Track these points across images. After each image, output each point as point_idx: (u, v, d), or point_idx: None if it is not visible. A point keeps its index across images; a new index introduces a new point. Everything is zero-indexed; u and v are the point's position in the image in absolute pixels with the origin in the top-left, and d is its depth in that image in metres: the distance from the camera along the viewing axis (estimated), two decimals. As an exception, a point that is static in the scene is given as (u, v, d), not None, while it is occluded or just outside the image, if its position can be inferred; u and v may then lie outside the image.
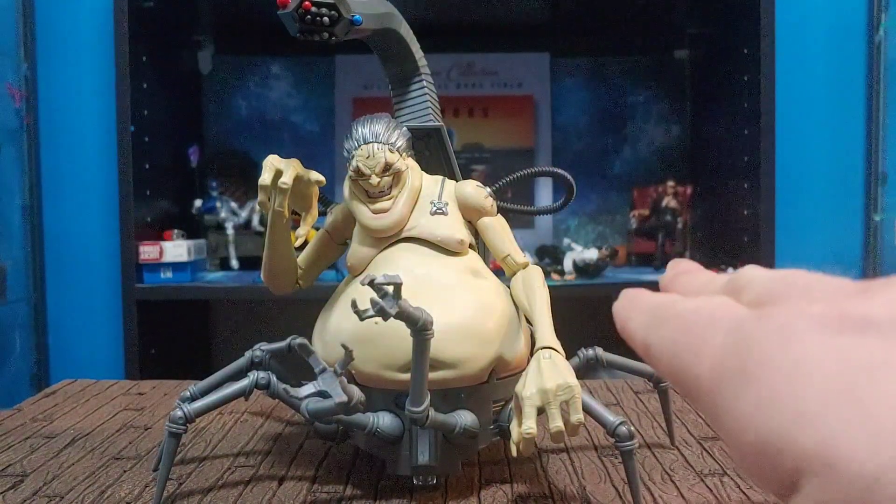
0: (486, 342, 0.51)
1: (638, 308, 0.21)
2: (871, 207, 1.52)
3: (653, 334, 0.20)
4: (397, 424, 0.51)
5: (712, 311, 0.18)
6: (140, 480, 0.56)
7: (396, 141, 0.54)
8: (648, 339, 0.20)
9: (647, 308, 0.21)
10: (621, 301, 0.22)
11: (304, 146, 1.61)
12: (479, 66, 1.59)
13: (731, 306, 0.18)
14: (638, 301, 0.21)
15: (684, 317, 0.19)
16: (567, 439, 0.64)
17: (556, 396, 0.46)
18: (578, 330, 0.69)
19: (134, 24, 1.30)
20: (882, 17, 1.49)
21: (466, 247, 0.55)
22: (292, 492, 0.54)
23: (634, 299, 0.22)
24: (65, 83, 1.52)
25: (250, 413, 0.73)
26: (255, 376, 0.52)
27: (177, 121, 1.51)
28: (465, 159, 1.58)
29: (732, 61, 1.38)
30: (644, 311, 0.21)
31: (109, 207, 1.45)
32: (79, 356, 1.54)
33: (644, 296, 0.21)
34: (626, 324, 0.21)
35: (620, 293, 0.23)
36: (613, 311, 0.22)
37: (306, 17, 0.50)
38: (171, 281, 1.33)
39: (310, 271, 0.60)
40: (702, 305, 0.19)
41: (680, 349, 0.18)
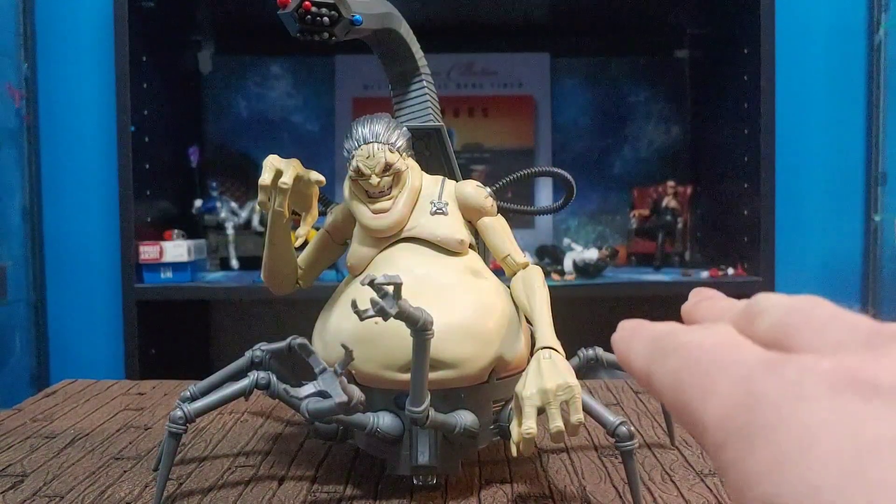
0: (486, 342, 0.51)
1: (639, 338, 0.21)
2: (871, 207, 1.52)
3: (655, 366, 0.19)
4: (397, 424, 0.51)
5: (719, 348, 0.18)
6: (140, 480, 0.56)
7: (396, 141, 0.54)
8: (651, 370, 0.19)
9: (649, 338, 0.20)
10: (621, 332, 0.22)
11: (304, 146, 1.61)
12: (479, 66, 1.59)
13: (739, 346, 0.18)
14: (639, 331, 0.21)
15: (689, 351, 0.18)
16: (567, 439, 0.64)
17: (557, 396, 0.46)
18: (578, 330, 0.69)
19: (134, 24, 1.30)
20: (882, 17, 1.49)
21: (466, 247, 0.55)
22: (292, 492, 0.54)
23: (635, 330, 0.21)
24: (65, 83, 1.52)
25: (250, 413, 0.73)
26: (255, 376, 0.52)
27: (177, 121, 1.51)
28: (465, 159, 1.58)
29: (732, 61, 1.38)
30: (646, 341, 0.20)
31: (109, 207, 1.45)
32: (79, 356, 1.54)
33: (645, 326, 0.21)
34: (628, 355, 0.21)
35: (619, 325, 0.22)
36: (613, 343, 0.22)
37: (306, 17, 0.50)
38: (171, 281, 1.33)
39: (310, 271, 0.60)
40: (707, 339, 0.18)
41: (685, 387, 0.18)
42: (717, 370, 0.17)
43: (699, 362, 0.18)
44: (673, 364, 0.18)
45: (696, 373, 0.17)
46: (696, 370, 0.18)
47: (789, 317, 0.18)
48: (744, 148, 1.33)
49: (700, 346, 0.18)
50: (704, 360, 0.18)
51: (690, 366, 0.18)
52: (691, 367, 0.18)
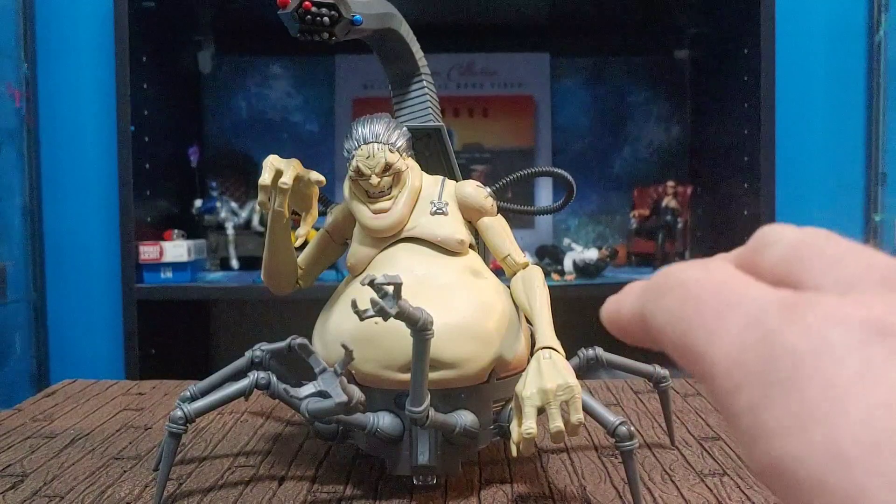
0: (486, 342, 0.51)
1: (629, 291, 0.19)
2: (871, 207, 1.52)
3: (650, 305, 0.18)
4: (397, 424, 0.51)
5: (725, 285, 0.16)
6: (140, 480, 0.56)
7: (396, 141, 0.54)
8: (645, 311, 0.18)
9: (641, 286, 0.19)
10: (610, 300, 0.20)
11: (304, 146, 1.61)
12: (479, 66, 1.59)
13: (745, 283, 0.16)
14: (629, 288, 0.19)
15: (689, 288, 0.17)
16: (567, 439, 0.64)
17: (557, 396, 0.46)
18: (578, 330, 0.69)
19: (134, 24, 1.30)
20: (882, 17, 1.49)
21: (466, 247, 0.55)
22: (292, 492, 0.54)
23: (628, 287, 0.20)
24: (65, 83, 1.52)
25: (250, 413, 0.73)
26: (255, 376, 0.52)
27: (177, 121, 1.51)
28: (465, 159, 1.58)
29: (732, 61, 1.38)
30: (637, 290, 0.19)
31: (109, 207, 1.45)
32: (79, 356, 1.54)
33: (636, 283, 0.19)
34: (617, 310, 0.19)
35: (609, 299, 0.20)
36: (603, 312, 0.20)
37: (306, 17, 0.50)
38: (171, 281, 1.33)
39: (310, 271, 0.60)
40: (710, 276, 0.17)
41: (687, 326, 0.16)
42: (725, 308, 0.16)
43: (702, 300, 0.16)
44: (671, 302, 0.17)
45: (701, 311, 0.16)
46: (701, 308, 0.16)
47: (800, 250, 0.17)
48: (744, 148, 1.33)
49: (702, 282, 0.17)
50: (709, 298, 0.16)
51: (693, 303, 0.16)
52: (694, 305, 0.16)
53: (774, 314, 0.15)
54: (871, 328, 0.14)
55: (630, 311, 0.19)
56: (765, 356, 0.14)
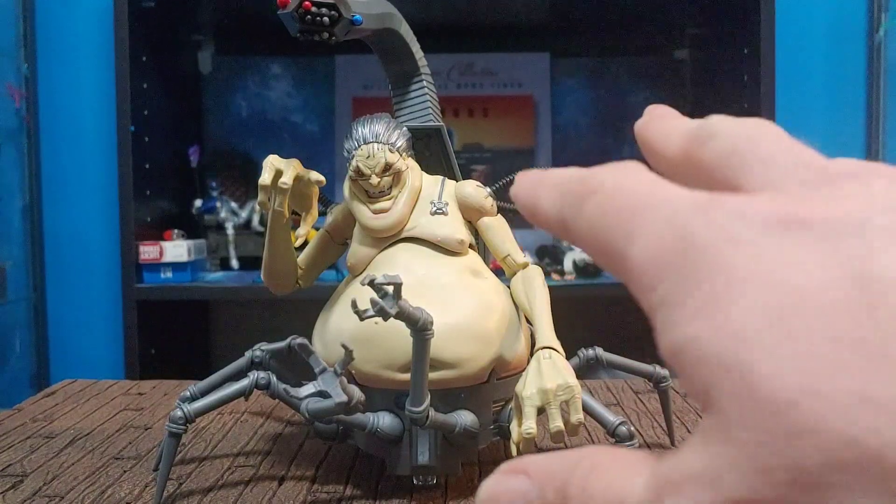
0: (486, 342, 0.51)
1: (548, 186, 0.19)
2: (871, 207, 1.52)
3: (570, 211, 0.18)
4: (397, 424, 0.51)
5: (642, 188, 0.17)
6: (140, 480, 0.56)
7: (396, 141, 0.54)
8: (564, 215, 0.18)
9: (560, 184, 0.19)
10: (521, 182, 0.20)
11: (304, 146, 1.61)
12: (479, 66, 1.59)
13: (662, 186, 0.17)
14: (546, 179, 0.19)
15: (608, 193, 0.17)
16: (567, 439, 0.64)
17: (556, 396, 0.46)
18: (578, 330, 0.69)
19: (134, 24, 1.30)
20: (882, 17, 1.49)
21: (466, 247, 0.55)
22: (292, 492, 0.54)
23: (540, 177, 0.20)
24: (65, 83, 1.52)
25: (250, 413, 0.73)
26: (255, 376, 0.52)
27: (177, 121, 1.51)
28: (465, 159, 1.58)
29: (732, 61, 1.38)
30: (556, 188, 0.19)
31: (109, 207, 1.45)
32: (79, 356, 1.54)
33: (549, 173, 0.19)
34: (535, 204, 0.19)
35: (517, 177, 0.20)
36: (514, 195, 0.20)
37: (306, 17, 0.50)
38: (171, 281, 1.33)
39: (310, 271, 0.60)
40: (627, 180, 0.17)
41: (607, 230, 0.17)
42: (642, 209, 0.16)
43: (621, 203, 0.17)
44: (591, 208, 0.17)
45: (620, 214, 0.17)
46: (619, 211, 0.17)
47: (738, 143, 0.18)
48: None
49: (620, 187, 0.17)
50: (627, 201, 0.17)
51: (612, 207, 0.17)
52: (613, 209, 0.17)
53: (689, 212, 0.15)
54: (775, 220, 0.14)
55: (548, 212, 0.19)
56: (677, 252, 0.15)
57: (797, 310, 0.13)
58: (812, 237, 0.14)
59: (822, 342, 0.13)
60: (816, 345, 0.13)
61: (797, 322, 0.13)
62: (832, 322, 0.13)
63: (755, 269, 0.14)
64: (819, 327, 0.13)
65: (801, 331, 0.13)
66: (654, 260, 0.16)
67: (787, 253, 0.14)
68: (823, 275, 0.13)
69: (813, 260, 0.14)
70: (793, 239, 0.14)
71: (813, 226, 0.14)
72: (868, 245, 0.14)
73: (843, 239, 0.14)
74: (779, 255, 0.14)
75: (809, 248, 0.14)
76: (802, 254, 0.14)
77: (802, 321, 0.13)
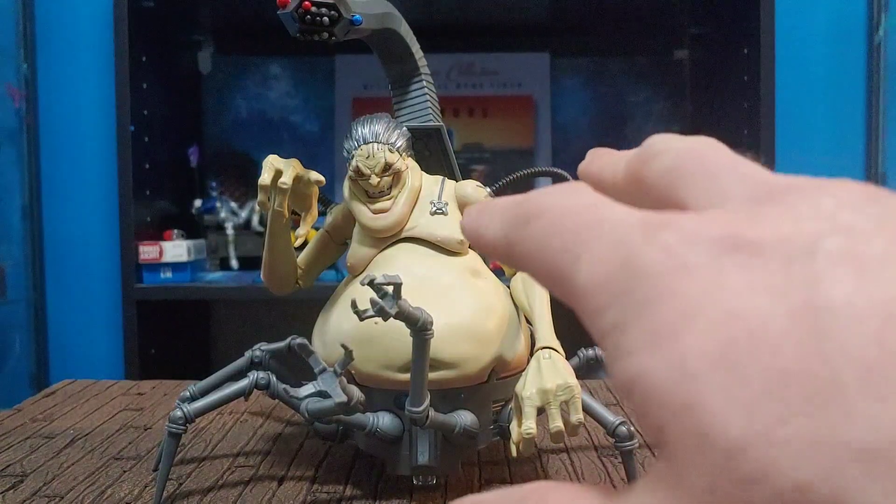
0: (486, 342, 0.51)
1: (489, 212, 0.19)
2: (871, 207, 1.52)
3: (515, 233, 0.18)
4: (397, 424, 0.51)
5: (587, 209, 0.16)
6: (140, 480, 0.56)
7: (396, 141, 0.54)
8: (510, 239, 0.18)
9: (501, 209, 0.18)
10: (469, 215, 0.20)
11: (304, 146, 1.61)
12: (479, 66, 1.59)
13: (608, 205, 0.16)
14: (489, 206, 0.19)
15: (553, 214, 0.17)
16: (567, 439, 0.64)
17: (556, 396, 0.46)
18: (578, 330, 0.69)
19: (134, 24, 1.30)
20: (882, 17, 1.49)
21: (466, 247, 0.55)
22: (292, 492, 0.54)
23: (484, 206, 0.19)
24: (65, 83, 1.52)
25: (250, 413, 0.73)
26: (254, 376, 0.52)
27: (177, 121, 1.51)
28: (465, 159, 1.58)
29: (732, 61, 1.38)
30: (498, 212, 0.18)
31: (109, 207, 1.45)
32: (79, 356, 1.54)
33: (493, 202, 0.19)
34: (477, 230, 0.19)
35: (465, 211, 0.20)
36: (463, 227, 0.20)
37: (306, 17, 0.50)
38: (171, 281, 1.33)
39: (310, 271, 0.60)
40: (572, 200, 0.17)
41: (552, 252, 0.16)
42: (587, 231, 0.16)
43: (566, 224, 0.16)
44: (535, 230, 0.17)
45: (564, 235, 0.16)
46: (564, 232, 0.16)
47: (682, 161, 0.17)
48: (744, 148, 1.33)
49: (565, 207, 0.17)
50: (572, 222, 0.16)
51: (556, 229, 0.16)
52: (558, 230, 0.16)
53: (636, 235, 0.15)
54: (724, 243, 0.14)
55: (493, 237, 0.19)
56: (625, 277, 0.15)
57: (746, 344, 0.13)
58: (762, 261, 0.14)
59: (771, 381, 0.12)
60: (766, 384, 0.12)
61: (746, 358, 0.13)
62: (781, 358, 0.12)
63: (703, 298, 0.13)
64: (768, 364, 0.13)
65: (750, 368, 0.13)
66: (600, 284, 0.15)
67: (736, 280, 0.13)
68: (772, 304, 0.13)
69: (762, 287, 0.13)
70: (742, 263, 0.14)
71: (762, 248, 0.14)
72: (817, 271, 0.13)
73: (793, 264, 0.13)
74: (727, 283, 0.13)
75: (759, 273, 0.13)
76: (751, 280, 0.13)
77: (751, 357, 0.13)
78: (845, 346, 0.12)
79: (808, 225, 0.14)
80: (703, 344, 0.13)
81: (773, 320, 0.13)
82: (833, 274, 0.13)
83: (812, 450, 0.12)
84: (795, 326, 0.13)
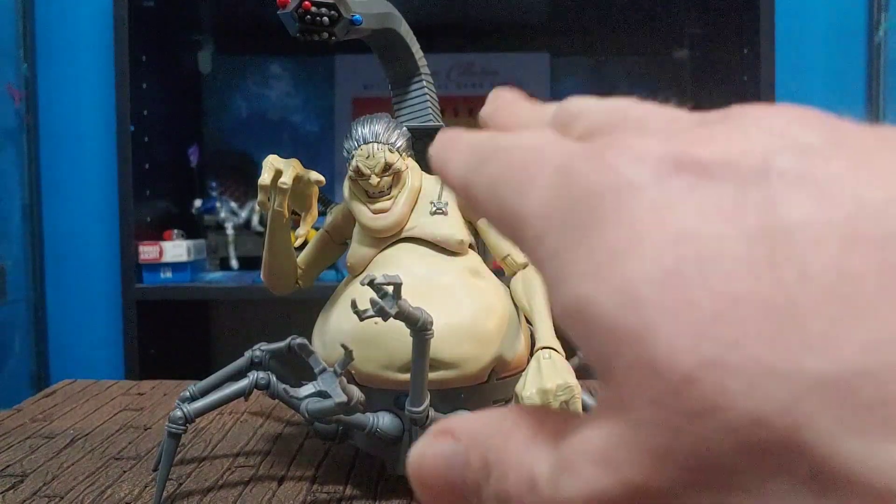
0: (486, 342, 0.51)
1: (456, 148, 0.18)
2: (871, 207, 1.52)
3: (473, 174, 0.17)
4: (397, 424, 0.51)
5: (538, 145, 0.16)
6: (140, 480, 0.56)
7: (396, 141, 0.54)
8: (469, 179, 0.17)
9: (467, 147, 0.18)
10: (438, 143, 0.19)
11: (304, 146, 1.61)
12: (479, 66, 1.59)
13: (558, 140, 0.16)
14: (456, 141, 0.19)
15: (508, 152, 0.16)
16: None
17: (556, 396, 0.46)
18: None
19: (134, 24, 1.30)
20: (882, 17, 1.49)
21: (466, 247, 0.55)
22: (292, 492, 0.54)
23: (452, 139, 0.19)
24: (65, 83, 1.52)
25: (250, 413, 0.73)
26: (254, 376, 0.52)
27: (177, 121, 1.51)
28: (465, 159, 1.58)
29: (732, 61, 1.38)
30: (463, 151, 0.18)
31: (109, 207, 1.45)
32: (79, 356, 1.54)
33: (463, 135, 0.19)
34: (445, 166, 0.18)
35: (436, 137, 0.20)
36: (429, 156, 0.20)
37: (306, 17, 0.50)
38: (171, 281, 1.33)
39: (310, 271, 0.60)
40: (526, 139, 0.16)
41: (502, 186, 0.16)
42: (534, 162, 0.15)
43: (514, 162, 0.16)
44: (491, 169, 0.16)
45: (513, 169, 0.16)
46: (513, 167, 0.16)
47: (607, 114, 0.16)
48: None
49: (518, 146, 0.16)
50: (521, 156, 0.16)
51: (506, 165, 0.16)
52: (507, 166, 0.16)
53: (580, 157, 0.14)
54: (669, 162, 0.13)
55: (454, 176, 0.18)
56: (567, 200, 0.14)
57: (698, 267, 0.12)
58: (712, 181, 0.13)
59: (724, 306, 0.12)
60: (718, 309, 0.12)
61: (698, 282, 0.12)
62: (734, 282, 0.12)
63: (650, 219, 0.13)
64: (721, 288, 0.12)
65: (701, 292, 0.12)
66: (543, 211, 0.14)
67: (685, 200, 0.13)
68: (725, 227, 0.12)
69: (714, 208, 0.12)
70: (691, 183, 0.13)
71: (713, 167, 0.13)
72: (771, 192, 0.12)
73: (746, 183, 0.12)
74: (676, 203, 0.13)
75: (709, 193, 0.13)
76: (703, 201, 0.13)
77: (703, 281, 0.12)
78: (803, 270, 0.12)
79: (759, 142, 0.13)
80: (649, 268, 0.12)
81: (725, 243, 0.12)
82: (789, 195, 0.12)
83: (767, 379, 0.11)
84: (749, 249, 0.12)
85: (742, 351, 0.11)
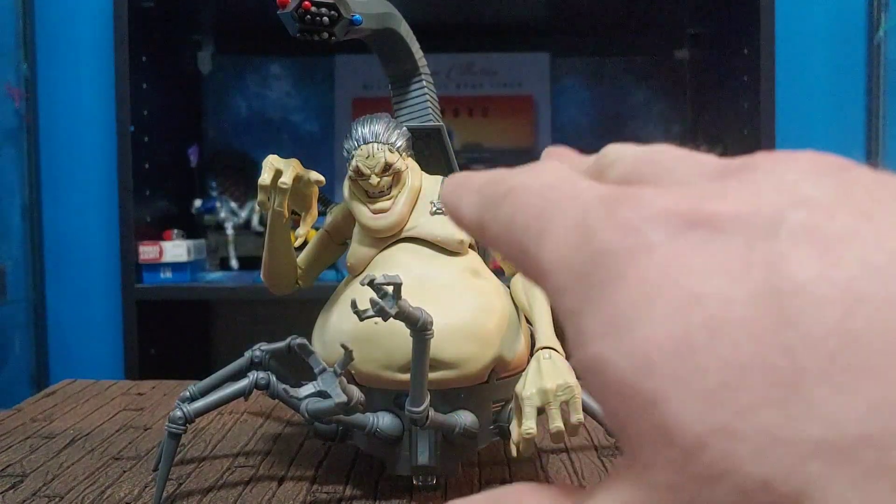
0: (486, 342, 0.51)
1: (467, 189, 0.18)
2: (871, 207, 1.52)
3: (487, 216, 0.17)
4: (397, 424, 0.51)
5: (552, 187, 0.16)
6: (140, 480, 0.56)
7: (396, 141, 0.54)
8: (483, 221, 0.17)
9: (478, 187, 0.18)
10: (448, 186, 0.19)
11: (304, 146, 1.61)
12: (479, 66, 1.59)
13: (572, 182, 0.16)
14: (466, 182, 0.19)
15: (523, 193, 0.16)
16: (567, 439, 0.64)
17: (556, 397, 0.46)
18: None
19: (134, 24, 1.30)
20: (882, 17, 1.49)
21: (466, 247, 0.55)
22: (292, 492, 0.54)
23: (462, 181, 0.19)
24: (65, 83, 1.52)
25: (250, 413, 0.73)
26: (254, 376, 0.52)
27: (177, 121, 1.51)
28: (465, 159, 1.58)
29: (732, 61, 1.38)
30: (474, 191, 0.18)
31: (109, 207, 1.45)
32: (79, 356, 1.54)
33: (472, 176, 0.19)
34: (458, 209, 0.19)
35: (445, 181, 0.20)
36: (442, 199, 0.19)
37: (306, 17, 0.50)
38: (171, 281, 1.33)
39: (309, 271, 0.60)
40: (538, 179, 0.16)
41: (520, 229, 0.16)
42: (551, 209, 0.15)
43: (531, 203, 0.16)
44: (505, 211, 0.17)
45: (529, 212, 0.16)
46: (529, 210, 0.16)
47: (640, 162, 0.17)
48: (744, 148, 1.33)
49: (530, 187, 0.16)
50: (537, 199, 0.16)
51: (522, 206, 0.16)
52: (523, 209, 0.16)
53: (596, 211, 0.14)
54: (682, 219, 0.13)
55: (468, 216, 0.18)
56: (584, 257, 0.14)
57: (705, 332, 0.12)
58: (722, 238, 0.13)
59: (731, 373, 0.12)
60: (725, 376, 0.12)
61: (705, 348, 0.12)
62: (742, 346, 0.12)
63: (662, 281, 0.13)
64: (727, 354, 0.12)
65: (710, 359, 0.12)
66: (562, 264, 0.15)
67: (695, 260, 0.13)
68: (732, 287, 0.12)
69: (722, 267, 0.13)
70: (702, 241, 0.13)
71: (723, 224, 0.13)
72: (781, 249, 0.12)
73: (755, 241, 0.13)
74: (687, 263, 0.13)
75: (719, 252, 0.13)
76: (711, 260, 0.13)
77: (710, 347, 0.12)
78: (807, 334, 0.12)
79: (769, 198, 0.13)
80: (661, 332, 0.13)
81: (732, 305, 0.12)
82: (796, 253, 0.12)
83: (773, 445, 0.11)
84: (756, 312, 0.12)
85: (749, 418, 0.12)
